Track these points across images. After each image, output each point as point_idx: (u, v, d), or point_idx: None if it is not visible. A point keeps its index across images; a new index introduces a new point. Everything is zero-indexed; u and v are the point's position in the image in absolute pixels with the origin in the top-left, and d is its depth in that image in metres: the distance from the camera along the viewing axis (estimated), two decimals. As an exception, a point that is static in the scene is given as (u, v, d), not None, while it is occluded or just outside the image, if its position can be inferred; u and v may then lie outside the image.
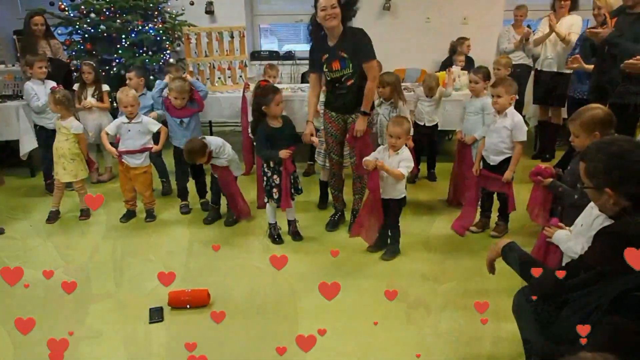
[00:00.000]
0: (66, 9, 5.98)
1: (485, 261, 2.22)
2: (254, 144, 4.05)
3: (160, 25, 6.16)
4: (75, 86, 4.95)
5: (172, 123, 4.18)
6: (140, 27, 5.92)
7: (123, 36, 5.86)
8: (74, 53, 5.98)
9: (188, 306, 2.89)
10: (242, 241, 3.80)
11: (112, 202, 4.49)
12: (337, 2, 3.36)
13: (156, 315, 2.83)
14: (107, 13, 5.85)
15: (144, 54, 5.95)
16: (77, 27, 5.98)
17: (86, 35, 5.97)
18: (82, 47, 5.98)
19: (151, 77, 5.74)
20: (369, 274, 3.28)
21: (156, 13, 6.30)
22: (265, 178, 3.66)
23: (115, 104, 5.28)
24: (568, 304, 1.90)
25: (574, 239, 2.23)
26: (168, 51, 6.28)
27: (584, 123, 2.62)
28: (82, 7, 5.90)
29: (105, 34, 5.85)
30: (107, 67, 5.82)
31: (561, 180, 2.89)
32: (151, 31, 5.96)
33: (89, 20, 5.84)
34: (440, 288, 3.10)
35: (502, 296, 2.12)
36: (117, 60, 5.84)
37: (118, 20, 5.83)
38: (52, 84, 4.60)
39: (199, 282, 3.07)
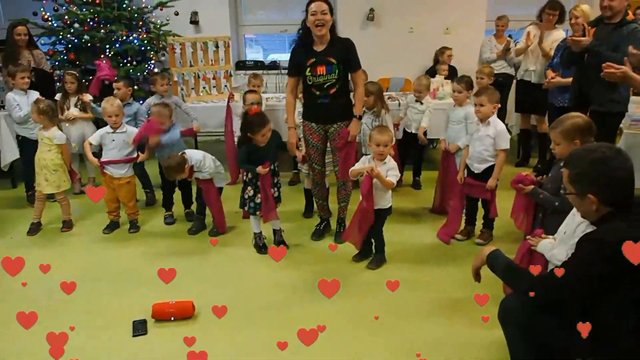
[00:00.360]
0: (49, 19, 5.94)
1: (471, 269, 2.24)
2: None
3: (145, 36, 6.14)
4: (58, 96, 4.90)
5: None
6: (124, 37, 5.90)
7: (107, 46, 5.83)
8: (57, 63, 5.93)
9: (172, 318, 2.86)
10: (227, 251, 3.77)
11: (95, 213, 4.45)
12: (329, 10, 3.39)
13: (140, 328, 2.79)
14: (91, 23, 5.82)
15: (128, 64, 5.92)
16: (60, 37, 5.94)
17: (70, 45, 5.93)
18: (65, 57, 5.93)
19: (135, 87, 5.71)
20: (356, 283, 3.27)
21: (140, 23, 6.28)
22: (243, 187, 3.68)
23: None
24: (554, 311, 1.91)
25: (557, 246, 2.25)
26: (152, 61, 6.25)
27: (565, 131, 2.66)
28: (66, 17, 5.86)
29: (89, 44, 5.81)
30: (90, 77, 5.77)
31: (542, 187, 2.92)
32: (135, 41, 5.94)
33: (72, 30, 5.80)
34: (427, 296, 3.10)
35: (489, 303, 2.13)
36: (100, 70, 5.79)
37: (102, 31, 5.80)
38: (35, 94, 4.55)
39: (184, 294, 3.03)
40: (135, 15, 6.16)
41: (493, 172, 3.58)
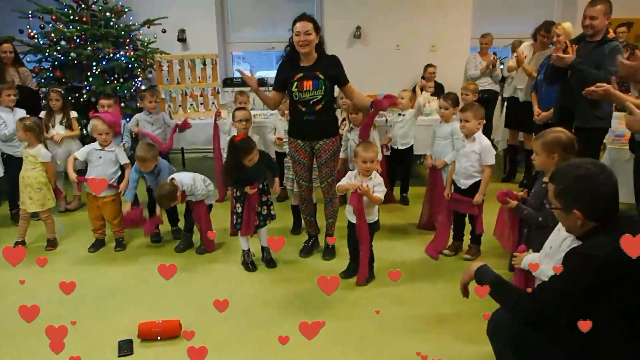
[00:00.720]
0: (36, 36, 5.92)
1: (459, 284, 2.24)
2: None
3: (132, 53, 6.14)
4: (42, 114, 4.86)
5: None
6: (111, 55, 5.90)
7: (94, 63, 5.81)
8: (43, 80, 5.90)
9: (159, 338, 2.82)
10: (215, 269, 3.74)
11: (80, 231, 4.40)
12: (313, 29, 3.41)
13: (125, 348, 2.74)
14: (78, 41, 5.81)
15: (115, 81, 5.90)
16: (46, 54, 5.92)
17: (56, 63, 5.91)
18: (51, 74, 5.91)
19: (122, 105, 5.69)
20: (345, 299, 3.25)
21: (128, 41, 6.28)
22: (232, 204, 3.68)
23: (85, 131, 5.23)
24: (542, 326, 1.91)
25: (544, 261, 2.26)
26: (140, 78, 6.25)
27: (546, 143, 2.72)
28: (52, 34, 5.84)
29: (75, 62, 5.79)
30: (76, 95, 5.75)
31: (526, 203, 2.94)
32: (122, 59, 5.94)
33: (58, 48, 5.79)
34: (415, 311, 3.10)
35: (477, 319, 2.13)
36: (87, 88, 5.77)
37: (89, 48, 5.79)
38: (21, 111, 4.53)
39: (170, 312, 3.00)
40: (123, 32, 6.17)
41: (479, 188, 3.61)
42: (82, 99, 5.72)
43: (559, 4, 7.67)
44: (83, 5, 6.06)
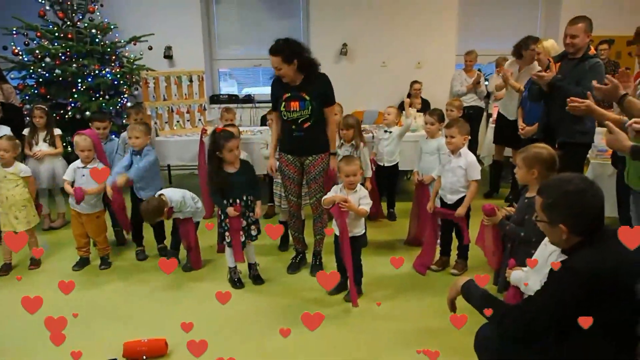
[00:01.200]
0: (20, 53, 5.89)
1: (446, 299, 2.24)
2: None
3: (118, 70, 6.13)
4: (25, 131, 4.82)
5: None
6: (97, 72, 5.88)
7: (79, 80, 5.79)
8: (27, 97, 5.85)
9: (144, 357, 2.78)
10: (201, 287, 3.70)
11: (64, 249, 4.33)
12: (282, 62, 3.42)
13: (110, 367, 2.71)
14: (63, 57, 5.79)
15: (101, 98, 5.88)
16: (31, 71, 5.88)
17: (40, 80, 5.88)
18: (36, 91, 5.87)
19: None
20: (333, 315, 3.24)
21: (114, 57, 6.28)
22: (219, 221, 3.64)
23: (70, 149, 5.18)
24: (529, 339, 1.92)
25: (531, 277, 2.28)
26: (126, 95, 6.23)
27: (527, 158, 2.75)
28: (37, 51, 5.82)
29: (60, 78, 5.76)
30: (61, 111, 5.71)
31: (510, 219, 2.96)
32: (108, 75, 5.92)
33: (43, 65, 5.76)
34: (403, 326, 3.09)
35: (465, 333, 2.13)
36: (72, 105, 5.74)
37: (74, 65, 5.77)
38: (6, 128, 4.48)
39: (157, 331, 2.96)
40: (109, 49, 6.16)
41: (464, 201, 3.63)
42: (66, 116, 5.69)
43: (541, 21, 7.83)
44: (68, 22, 6.05)
